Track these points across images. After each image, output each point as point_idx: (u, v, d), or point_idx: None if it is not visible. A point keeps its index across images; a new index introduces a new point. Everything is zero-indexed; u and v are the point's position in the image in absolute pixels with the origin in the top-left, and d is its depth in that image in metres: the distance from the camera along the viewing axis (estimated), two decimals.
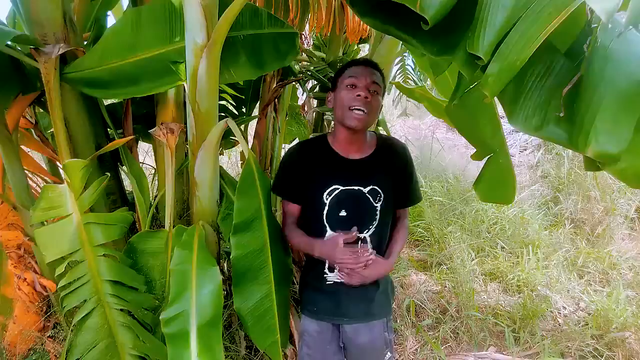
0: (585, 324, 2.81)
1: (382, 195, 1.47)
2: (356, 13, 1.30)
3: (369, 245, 1.48)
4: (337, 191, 1.46)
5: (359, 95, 1.36)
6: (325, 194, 1.46)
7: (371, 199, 1.46)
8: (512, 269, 3.41)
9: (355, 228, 1.43)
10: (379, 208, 1.48)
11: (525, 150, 5.78)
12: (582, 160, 4.51)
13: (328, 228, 1.48)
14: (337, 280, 1.50)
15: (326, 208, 1.47)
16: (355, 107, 1.37)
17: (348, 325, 1.54)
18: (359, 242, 1.47)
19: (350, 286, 1.46)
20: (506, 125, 1.86)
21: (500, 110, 1.75)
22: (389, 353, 1.60)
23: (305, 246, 1.50)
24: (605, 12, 0.74)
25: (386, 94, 2.56)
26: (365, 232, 1.48)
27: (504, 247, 3.75)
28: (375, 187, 1.46)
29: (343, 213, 1.46)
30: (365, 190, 1.46)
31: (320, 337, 1.58)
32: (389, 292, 1.62)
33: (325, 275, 1.52)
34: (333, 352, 1.58)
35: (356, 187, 1.45)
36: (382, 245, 1.53)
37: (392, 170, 1.51)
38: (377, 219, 1.48)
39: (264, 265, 1.54)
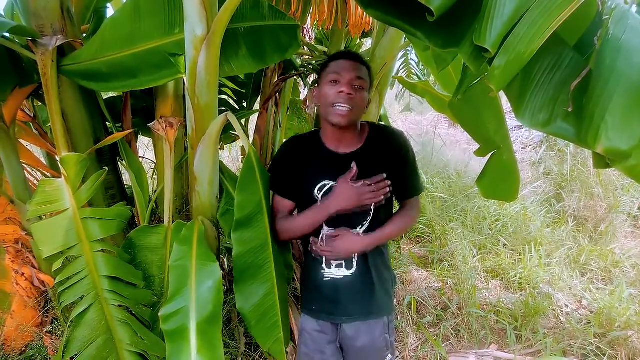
0: (587, 322, 2.79)
1: None
2: (359, 3, 1.26)
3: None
4: (327, 187, 1.42)
5: (341, 92, 1.31)
6: (316, 189, 1.43)
7: None
8: (514, 267, 3.39)
9: (354, 163, 1.39)
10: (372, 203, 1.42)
11: (527, 147, 5.75)
12: (585, 157, 4.49)
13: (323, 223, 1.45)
14: (335, 276, 1.48)
15: (318, 204, 1.42)
16: (338, 104, 1.32)
17: (347, 325, 1.51)
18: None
19: (347, 282, 1.46)
20: (509, 122, 1.83)
21: (504, 105, 1.74)
22: (389, 355, 1.57)
23: (314, 216, 1.42)
24: None
25: (389, 89, 2.54)
26: (359, 227, 1.44)
27: (505, 245, 3.72)
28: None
29: None
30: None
31: (320, 336, 1.55)
32: (389, 289, 1.57)
33: (322, 272, 1.49)
34: (332, 352, 1.55)
35: None
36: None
37: (385, 162, 1.43)
38: (372, 214, 1.43)
39: (266, 262, 1.51)
